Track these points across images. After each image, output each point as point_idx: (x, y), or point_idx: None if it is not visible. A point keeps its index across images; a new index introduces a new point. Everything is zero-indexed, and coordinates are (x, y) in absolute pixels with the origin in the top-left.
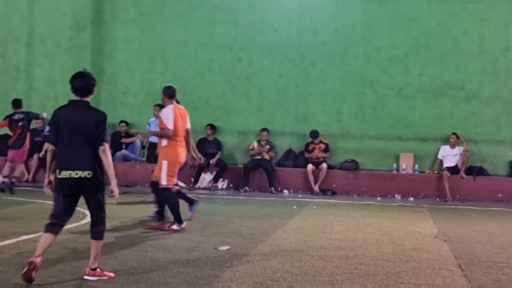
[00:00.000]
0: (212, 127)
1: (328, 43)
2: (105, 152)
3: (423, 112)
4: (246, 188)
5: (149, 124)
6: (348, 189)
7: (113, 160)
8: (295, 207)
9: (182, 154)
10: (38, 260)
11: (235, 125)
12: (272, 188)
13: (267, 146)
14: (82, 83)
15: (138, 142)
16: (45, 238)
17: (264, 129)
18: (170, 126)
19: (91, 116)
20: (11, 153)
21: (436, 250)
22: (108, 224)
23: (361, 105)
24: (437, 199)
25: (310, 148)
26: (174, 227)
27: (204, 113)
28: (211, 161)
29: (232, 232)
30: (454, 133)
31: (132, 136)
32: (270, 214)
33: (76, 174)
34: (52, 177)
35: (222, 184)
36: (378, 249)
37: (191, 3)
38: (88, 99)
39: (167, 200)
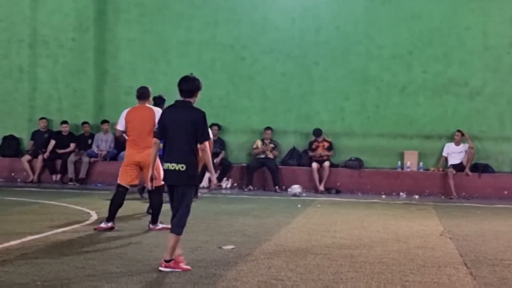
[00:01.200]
0: (218, 127)
1: (331, 41)
2: (205, 149)
3: (426, 109)
4: (250, 187)
5: None
6: (353, 188)
7: (117, 160)
8: (299, 205)
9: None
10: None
11: (239, 125)
12: (276, 187)
13: (271, 145)
14: (187, 86)
15: None
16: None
17: (268, 128)
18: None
19: (192, 115)
20: None
21: (442, 248)
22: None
23: (364, 103)
24: (442, 197)
25: (313, 146)
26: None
27: (207, 113)
28: (215, 161)
29: (236, 231)
30: (459, 130)
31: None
32: (274, 213)
33: (172, 166)
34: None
35: (226, 183)
36: (383, 247)
37: (192, 3)
38: (191, 100)
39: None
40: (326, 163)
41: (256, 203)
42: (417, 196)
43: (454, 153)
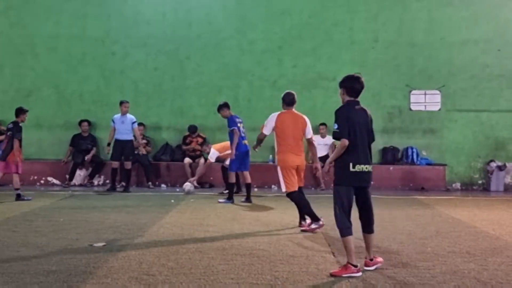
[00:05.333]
0: (88, 122)
1: (203, 36)
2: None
3: (297, 103)
4: (123, 183)
5: (113, 120)
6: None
7: None
8: (172, 201)
9: None
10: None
11: (110, 120)
12: (150, 183)
13: (144, 141)
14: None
15: None
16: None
17: (140, 124)
18: None
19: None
20: None
21: (311, 238)
22: None
23: (236, 97)
24: (312, 188)
25: (187, 141)
26: None
27: (78, 108)
28: (86, 157)
29: (108, 228)
30: (322, 124)
31: (2, 134)
32: (148, 209)
33: (366, 168)
34: None
35: (98, 180)
36: (254, 239)
37: None
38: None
39: None
40: (202, 159)
41: (129, 199)
42: None
43: (320, 145)
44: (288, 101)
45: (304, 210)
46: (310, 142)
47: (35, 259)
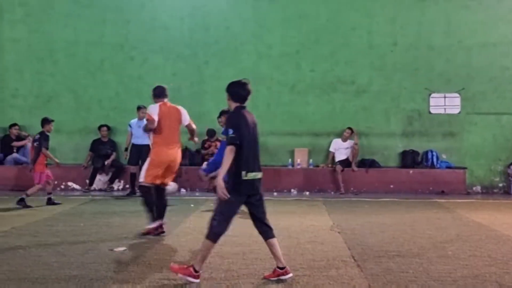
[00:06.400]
0: (107, 127)
1: (220, 41)
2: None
3: (315, 107)
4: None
5: (130, 125)
6: None
7: (3, 164)
8: (192, 205)
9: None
10: None
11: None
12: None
13: None
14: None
15: (29, 145)
16: None
17: None
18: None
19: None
20: None
21: (331, 242)
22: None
23: (255, 102)
24: (332, 193)
25: (206, 145)
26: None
27: (97, 114)
28: (106, 162)
29: (128, 232)
30: (349, 128)
31: (23, 139)
32: (167, 213)
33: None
34: None
35: (118, 185)
36: None
37: (79, 2)
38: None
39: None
40: None
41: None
42: (307, 193)
43: (341, 149)
44: (158, 93)
45: (147, 207)
46: (189, 127)
47: (56, 264)
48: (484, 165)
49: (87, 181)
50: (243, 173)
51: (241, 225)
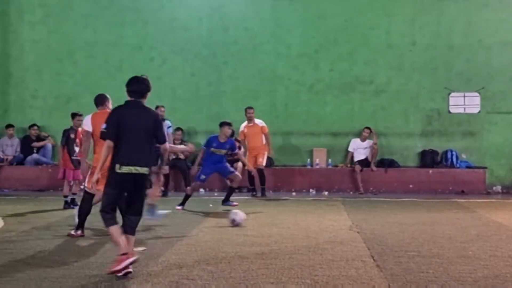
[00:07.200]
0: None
1: (239, 41)
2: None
3: (334, 107)
4: (162, 188)
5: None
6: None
7: (24, 164)
8: (211, 205)
9: None
10: None
11: None
12: (188, 188)
13: (182, 146)
14: (140, 87)
15: (49, 145)
16: None
17: (178, 129)
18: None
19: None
20: None
21: (350, 242)
22: (21, 230)
23: (273, 102)
24: (351, 192)
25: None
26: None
27: None
28: None
29: (147, 232)
30: (367, 127)
31: (43, 139)
32: (186, 213)
33: (136, 169)
34: None
35: None
36: (293, 243)
37: (98, 4)
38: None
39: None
40: (239, 163)
41: (168, 204)
42: (326, 192)
43: (360, 149)
44: (98, 101)
45: (81, 210)
46: None
47: (76, 264)
48: (504, 164)
49: None
50: (117, 166)
51: (260, 226)
